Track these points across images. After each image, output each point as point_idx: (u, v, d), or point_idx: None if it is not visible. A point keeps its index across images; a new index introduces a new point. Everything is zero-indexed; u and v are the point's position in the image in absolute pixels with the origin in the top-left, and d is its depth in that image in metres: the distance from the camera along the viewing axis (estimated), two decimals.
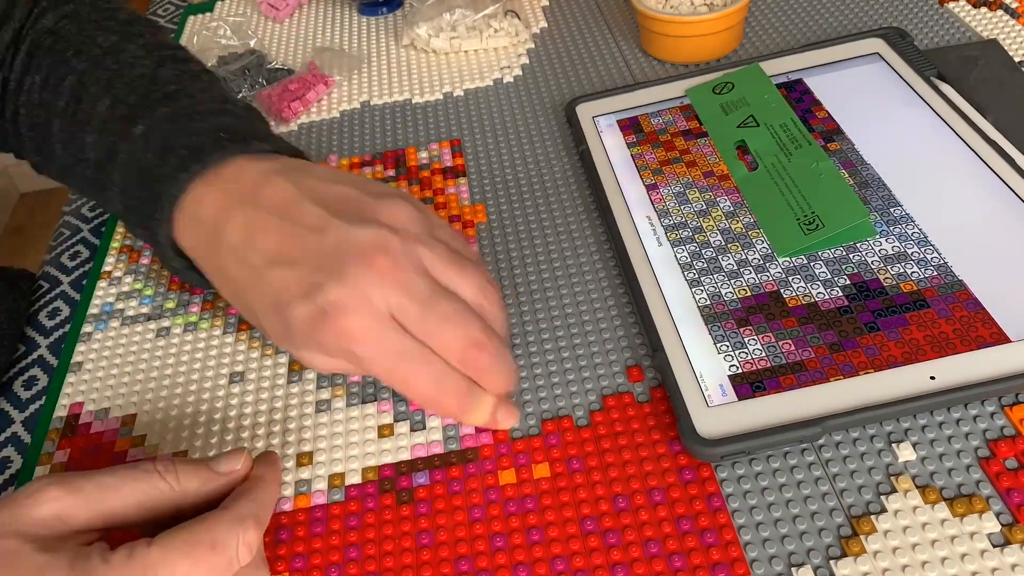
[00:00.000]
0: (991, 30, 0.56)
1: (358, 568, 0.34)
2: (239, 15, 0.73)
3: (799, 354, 0.37)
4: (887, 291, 0.39)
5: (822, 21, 0.60)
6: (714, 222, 0.44)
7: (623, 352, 0.40)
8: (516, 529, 0.34)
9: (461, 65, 0.63)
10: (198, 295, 0.47)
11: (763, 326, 0.39)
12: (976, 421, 0.35)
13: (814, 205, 0.43)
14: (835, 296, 0.39)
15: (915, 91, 0.49)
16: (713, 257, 0.42)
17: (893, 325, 0.37)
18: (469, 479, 0.36)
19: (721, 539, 0.33)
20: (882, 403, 0.34)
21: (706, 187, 0.46)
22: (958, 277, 0.39)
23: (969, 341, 0.36)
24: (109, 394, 0.42)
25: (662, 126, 0.51)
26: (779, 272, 0.41)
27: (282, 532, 0.35)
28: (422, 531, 0.35)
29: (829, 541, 0.32)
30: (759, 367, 0.37)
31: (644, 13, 0.57)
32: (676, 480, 0.35)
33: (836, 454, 0.35)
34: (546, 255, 0.46)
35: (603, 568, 0.32)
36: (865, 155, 0.46)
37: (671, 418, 0.37)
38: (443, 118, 0.58)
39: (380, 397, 0.40)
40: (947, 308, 0.38)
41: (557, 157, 0.53)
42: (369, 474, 0.37)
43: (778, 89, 0.51)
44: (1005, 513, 0.32)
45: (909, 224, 0.42)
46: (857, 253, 0.41)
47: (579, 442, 0.37)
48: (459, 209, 0.50)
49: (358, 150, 0.56)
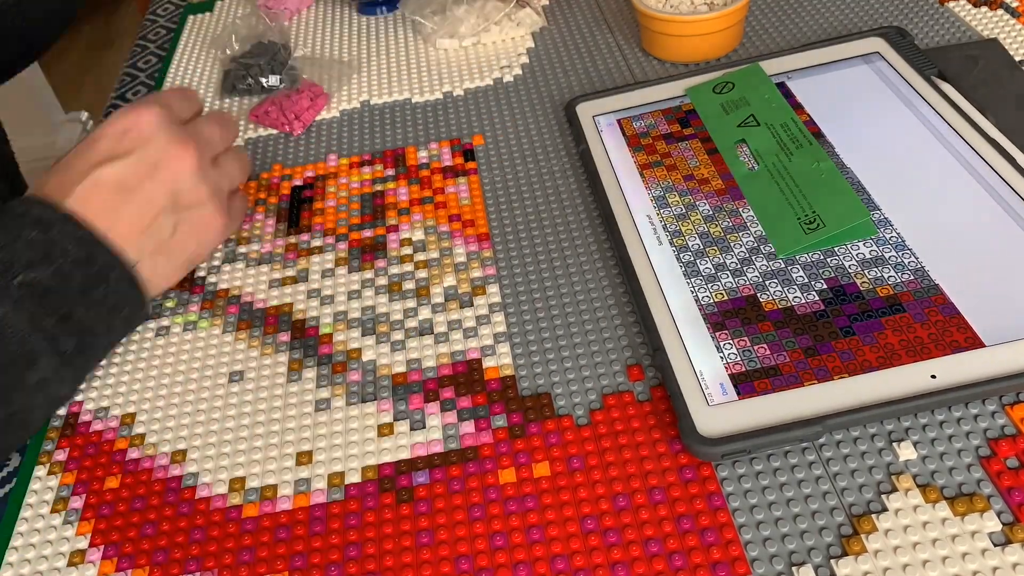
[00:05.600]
0: (991, 29, 0.56)
1: (358, 567, 0.34)
2: (239, 17, 0.73)
3: (774, 358, 0.37)
4: (864, 295, 0.39)
5: (822, 20, 0.60)
6: (693, 226, 0.44)
7: (623, 351, 0.40)
8: (516, 528, 0.34)
9: (461, 64, 0.63)
10: (197, 294, 0.47)
11: (739, 330, 0.38)
12: (977, 420, 0.35)
13: (815, 204, 0.43)
14: (811, 300, 0.39)
15: (915, 90, 0.49)
16: (704, 258, 0.42)
17: (868, 330, 0.37)
18: (469, 478, 0.36)
19: (722, 538, 0.33)
20: (882, 402, 0.34)
21: (686, 190, 0.46)
22: (934, 281, 0.39)
23: (944, 346, 0.36)
24: (109, 393, 0.42)
25: (644, 129, 0.51)
26: (756, 276, 0.41)
27: (282, 531, 0.35)
28: (422, 530, 0.35)
29: (830, 540, 0.32)
30: (734, 371, 0.37)
31: (644, 12, 0.57)
32: (676, 479, 0.35)
33: (837, 453, 0.35)
34: (546, 254, 0.46)
35: (603, 567, 0.32)
36: (845, 159, 0.46)
37: (671, 417, 0.37)
38: (443, 117, 0.58)
39: (380, 396, 0.40)
40: (923, 312, 0.38)
41: (557, 156, 0.53)
42: (369, 473, 0.37)
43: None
44: (1006, 512, 0.32)
45: (887, 228, 0.42)
46: (835, 257, 0.41)
47: (579, 441, 0.37)
48: (459, 208, 0.50)
49: (358, 149, 0.56)
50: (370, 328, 0.44)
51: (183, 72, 0.67)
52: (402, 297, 0.45)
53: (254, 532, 0.36)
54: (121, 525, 0.37)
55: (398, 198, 0.51)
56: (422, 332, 0.43)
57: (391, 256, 0.48)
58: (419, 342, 0.42)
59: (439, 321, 0.43)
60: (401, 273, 0.46)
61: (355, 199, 0.52)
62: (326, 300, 0.46)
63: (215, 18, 0.74)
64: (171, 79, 0.66)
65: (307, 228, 0.50)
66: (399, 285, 0.46)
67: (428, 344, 0.42)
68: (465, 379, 0.40)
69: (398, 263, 0.47)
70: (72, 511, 0.37)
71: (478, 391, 0.39)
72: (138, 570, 0.35)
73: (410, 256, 0.47)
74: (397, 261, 0.47)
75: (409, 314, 0.44)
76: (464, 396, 0.39)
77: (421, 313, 0.44)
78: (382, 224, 0.50)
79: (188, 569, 0.35)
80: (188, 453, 0.39)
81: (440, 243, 0.48)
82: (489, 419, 0.38)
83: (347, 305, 0.45)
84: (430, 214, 0.50)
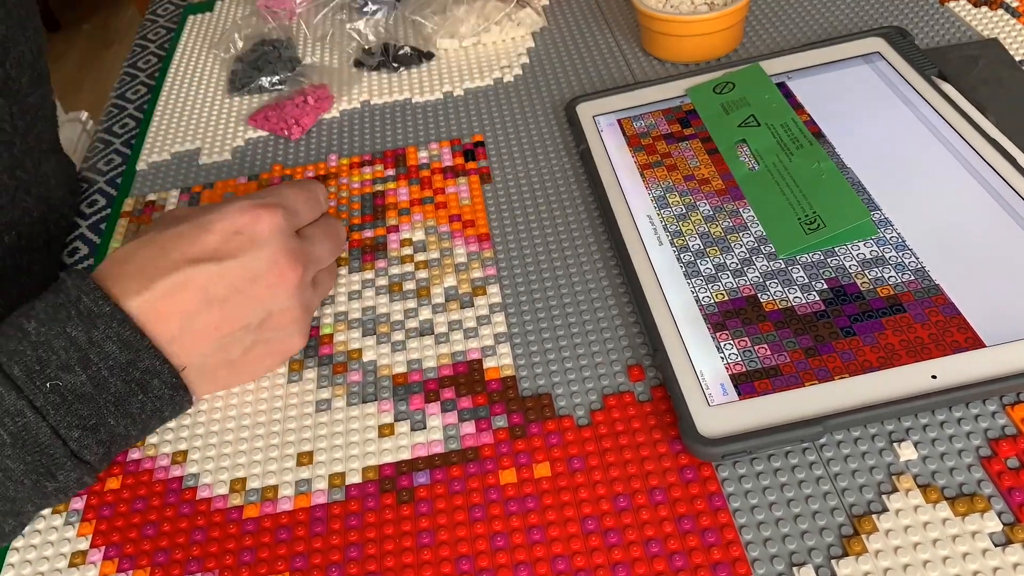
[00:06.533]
0: (992, 29, 0.56)
1: (358, 568, 0.34)
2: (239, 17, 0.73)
3: (775, 359, 0.37)
4: (864, 296, 0.39)
5: (822, 20, 0.60)
6: (693, 226, 0.44)
7: (624, 351, 0.40)
8: (517, 529, 0.34)
9: (461, 64, 0.63)
10: None
11: (740, 330, 0.38)
12: (977, 420, 0.35)
13: (815, 205, 0.43)
14: (812, 300, 0.39)
15: (916, 90, 0.49)
16: (705, 258, 0.42)
17: (869, 330, 0.37)
18: (470, 478, 0.36)
19: (722, 538, 0.33)
20: (883, 402, 0.34)
21: (687, 190, 0.46)
22: (934, 281, 0.39)
23: (944, 346, 0.36)
24: None
25: (644, 129, 0.51)
26: (756, 276, 0.41)
27: (282, 532, 0.35)
28: (423, 531, 0.35)
29: (831, 540, 0.32)
30: (735, 371, 0.37)
31: (644, 12, 0.57)
32: (677, 479, 0.35)
33: (837, 453, 0.35)
34: (546, 254, 0.46)
35: (604, 567, 0.32)
36: (845, 158, 0.46)
37: (672, 417, 0.37)
38: (443, 117, 0.58)
39: (380, 397, 0.40)
40: (923, 312, 0.38)
41: (557, 156, 0.53)
42: (369, 474, 0.37)
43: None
44: (1007, 512, 0.32)
45: (887, 228, 0.42)
46: (835, 257, 0.41)
47: (580, 441, 0.37)
48: (459, 208, 0.50)
49: (358, 149, 0.56)
50: (371, 328, 0.44)
51: (183, 72, 0.67)
52: (402, 297, 0.45)
53: (255, 533, 0.36)
54: (122, 526, 0.37)
55: (398, 198, 0.51)
56: (423, 332, 0.43)
57: (391, 256, 0.48)
58: (420, 342, 0.42)
59: (439, 321, 0.43)
60: (401, 273, 0.46)
61: (355, 199, 0.52)
62: (326, 300, 0.45)
63: (215, 18, 0.74)
64: (171, 79, 0.66)
65: None
66: (399, 285, 0.46)
67: (429, 344, 0.42)
68: (466, 379, 0.40)
69: (398, 263, 0.47)
70: (73, 512, 0.37)
71: (479, 391, 0.40)
72: (139, 571, 0.35)
73: (410, 256, 0.47)
74: (397, 261, 0.47)
75: (410, 314, 0.44)
76: (465, 396, 0.39)
77: (422, 313, 0.44)
78: (382, 224, 0.50)
79: (189, 570, 0.35)
80: (189, 454, 0.39)
81: (440, 243, 0.48)
82: (490, 419, 0.38)
83: (347, 305, 0.45)
84: (430, 214, 0.50)
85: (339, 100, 0.61)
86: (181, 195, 0.55)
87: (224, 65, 0.67)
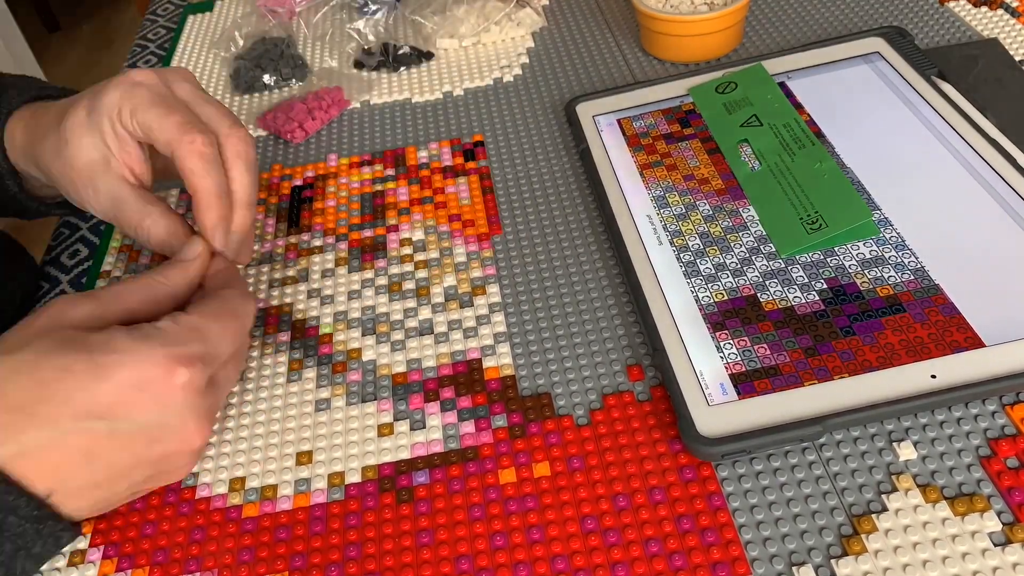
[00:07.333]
0: (991, 29, 0.56)
1: (358, 567, 0.34)
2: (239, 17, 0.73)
3: (774, 358, 0.37)
4: (864, 295, 0.39)
5: (822, 20, 0.60)
6: (693, 226, 0.44)
7: (623, 351, 0.40)
8: (516, 528, 0.34)
9: (461, 64, 0.63)
10: None
11: (739, 330, 0.38)
12: (977, 420, 0.35)
13: (817, 205, 0.43)
14: (812, 300, 0.39)
15: (916, 90, 0.49)
16: (705, 258, 0.42)
17: (868, 330, 0.37)
18: (469, 478, 0.36)
19: (722, 538, 0.33)
20: (883, 402, 0.34)
21: (686, 190, 0.46)
22: (934, 281, 0.39)
23: (944, 346, 0.36)
24: None
25: (644, 129, 0.51)
26: (756, 276, 0.41)
27: (282, 531, 0.35)
28: (422, 530, 0.35)
29: (830, 540, 0.32)
30: (734, 371, 0.37)
31: (644, 12, 0.57)
32: (677, 479, 0.35)
33: (837, 453, 0.35)
34: (546, 254, 0.46)
35: (603, 567, 0.32)
36: (845, 158, 0.46)
37: (671, 417, 0.37)
38: (443, 117, 0.58)
39: (380, 396, 0.40)
40: (923, 312, 0.38)
41: (557, 156, 0.53)
42: (369, 473, 0.37)
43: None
44: (1006, 512, 0.32)
45: (887, 228, 0.42)
46: (835, 257, 0.41)
47: (579, 441, 0.37)
48: (459, 208, 0.50)
49: (358, 149, 0.56)
50: (370, 328, 0.44)
51: None
52: (402, 297, 0.45)
53: (254, 532, 0.36)
54: (121, 525, 0.36)
55: (398, 198, 0.51)
56: (422, 332, 0.43)
57: (391, 256, 0.48)
58: (419, 342, 0.42)
59: (439, 321, 0.43)
60: (401, 273, 0.46)
61: (355, 199, 0.52)
62: (326, 300, 0.45)
63: (215, 18, 0.74)
64: None
65: (307, 228, 0.50)
66: (399, 285, 0.46)
67: (428, 344, 0.42)
68: (465, 379, 0.40)
69: (398, 263, 0.47)
70: None
71: (478, 391, 0.39)
72: (138, 570, 0.35)
73: (410, 256, 0.47)
74: (397, 261, 0.47)
75: (409, 314, 0.44)
76: (464, 396, 0.39)
77: (421, 313, 0.44)
78: (382, 224, 0.50)
79: (188, 569, 0.35)
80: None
81: (440, 243, 0.48)
82: (489, 419, 0.38)
83: (347, 305, 0.45)
84: (430, 214, 0.50)
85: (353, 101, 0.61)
86: (181, 195, 0.55)
87: (225, 64, 0.67)
